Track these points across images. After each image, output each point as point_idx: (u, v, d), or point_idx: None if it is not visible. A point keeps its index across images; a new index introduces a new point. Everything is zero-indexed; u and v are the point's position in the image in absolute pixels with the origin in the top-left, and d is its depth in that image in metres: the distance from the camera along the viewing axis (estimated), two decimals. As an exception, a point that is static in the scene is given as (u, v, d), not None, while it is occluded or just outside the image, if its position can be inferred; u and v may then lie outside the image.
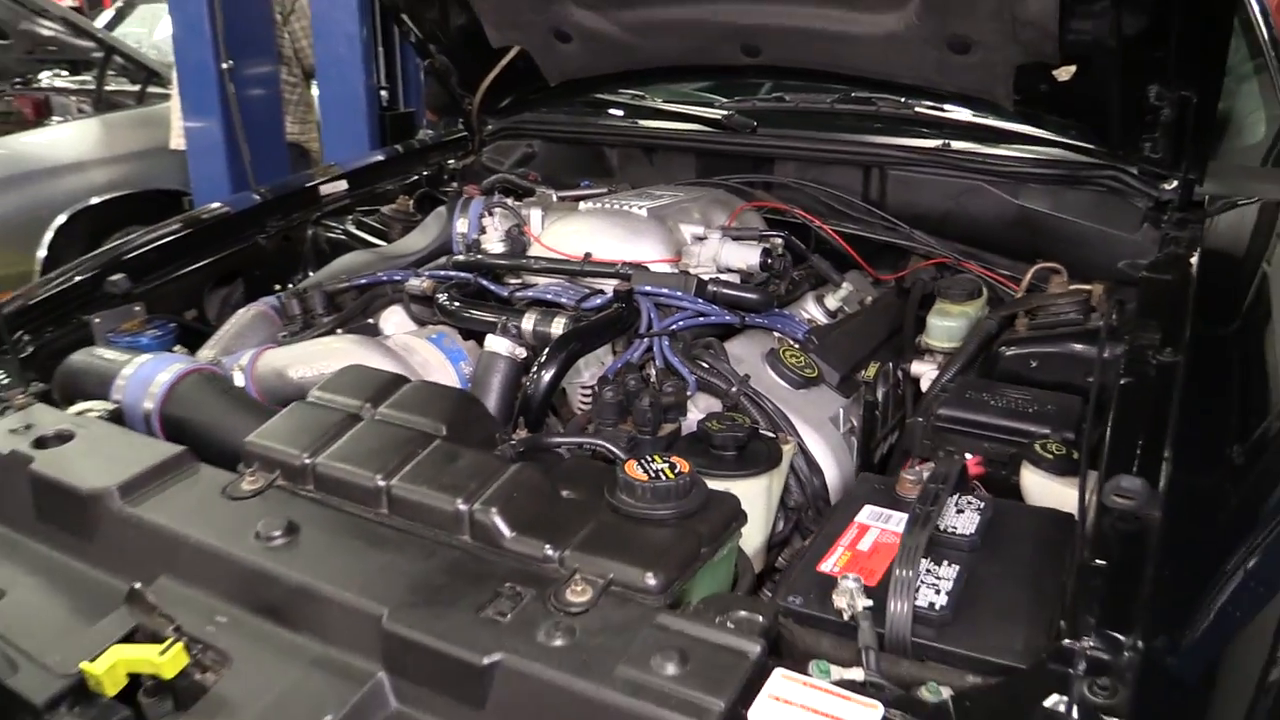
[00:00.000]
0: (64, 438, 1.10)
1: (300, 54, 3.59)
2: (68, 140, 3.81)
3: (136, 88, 4.33)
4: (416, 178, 2.04)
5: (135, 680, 0.83)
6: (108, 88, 4.27)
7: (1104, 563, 0.82)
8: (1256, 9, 2.08)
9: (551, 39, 1.86)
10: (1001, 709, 0.73)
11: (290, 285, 1.69)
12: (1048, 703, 0.70)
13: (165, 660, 0.81)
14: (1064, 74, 1.48)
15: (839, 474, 1.19)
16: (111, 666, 0.82)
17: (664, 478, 0.91)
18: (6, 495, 1.07)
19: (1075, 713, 0.70)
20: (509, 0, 1.79)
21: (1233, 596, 0.85)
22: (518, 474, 0.94)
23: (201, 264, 1.63)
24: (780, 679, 0.74)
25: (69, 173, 3.66)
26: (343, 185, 1.89)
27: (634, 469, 0.93)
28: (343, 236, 1.76)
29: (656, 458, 0.94)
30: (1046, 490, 1.03)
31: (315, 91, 3.74)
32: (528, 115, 2.08)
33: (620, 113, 2.03)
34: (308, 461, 1.00)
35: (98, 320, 1.48)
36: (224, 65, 3.20)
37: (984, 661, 0.79)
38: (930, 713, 0.73)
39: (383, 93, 3.29)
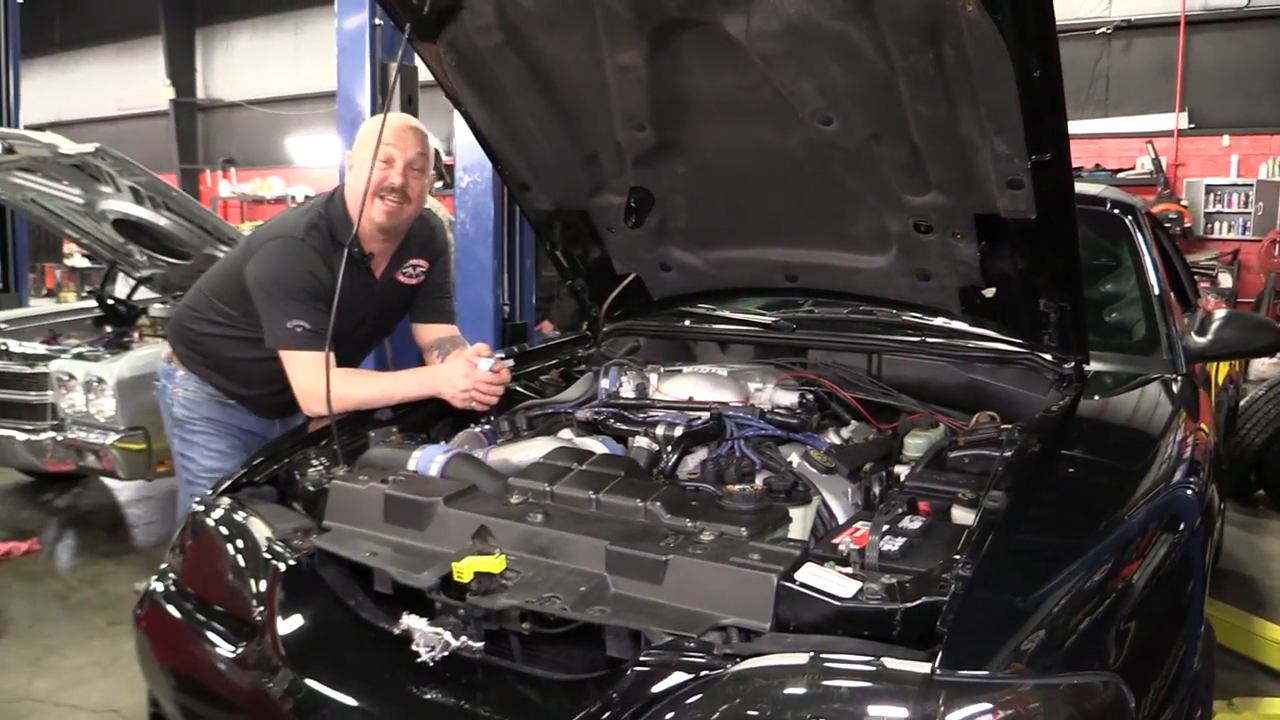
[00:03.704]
0: (398, 480, 1.92)
1: None
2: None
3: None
4: (557, 360, 2.92)
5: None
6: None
7: (974, 529, 1.59)
8: (1147, 260, 2.98)
9: (658, 269, 2.78)
10: (920, 583, 1.48)
11: (476, 422, 2.52)
12: (944, 575, 1.47)
13: (497, 562, 1.59)
14: (989, 293, 2.34)
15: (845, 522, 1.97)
16: (470, 564, 1.59)
17: (747, 491, 1.71)
18: (364, 509, 1.88)
19: (954, 580, 1.45)
20: (632, 243, 2.71)
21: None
22: (668, 489, 1.75)
23: (428, 406, 2.49)
24: (809, 564, 1.51)
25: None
26: (510, 363, 2.74)
27: (732, 489, 1.73)
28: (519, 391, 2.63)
29: (744, 486, 1.74)
30: (964, 517, 1.80)
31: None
32: (634, 320, 2.97)
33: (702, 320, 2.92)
34: (548, 489, 1.81)
35: (373, 434, 2.33)
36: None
37: (914, 572, 1.54)
38: (882, 586, 1.48)
39: (505, 308, 4.27)
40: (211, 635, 1.83)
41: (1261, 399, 5.27)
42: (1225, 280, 10.05)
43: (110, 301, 5.68)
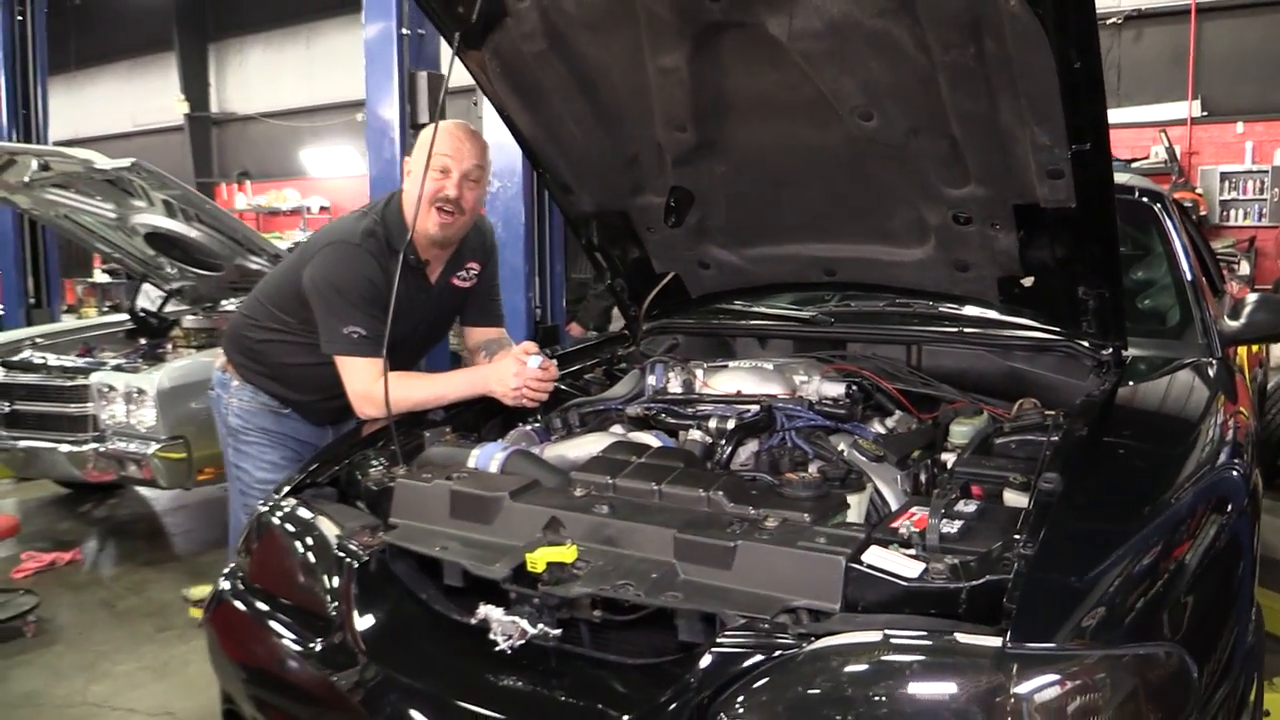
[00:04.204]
0: (461, 476, 1.98)
1: None
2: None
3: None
4: (597, 360, 2.97)
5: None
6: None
7: (1032, 509, 1.63)
8: (1178, 246, 3.02)
9: (697, 267, 2.83)
10: (983, 563, 1.53)
11: (526, 420, 2.57)
12: (1006, 554, 1.51)
13: (569, 552, 1.64)
14: (1027, 282, 2.38)
15: (897, 508, 2.01)
16: (543, 555, 1.64)
17: (806, 478, 1.76)
18: (430, 505, 1.94)
19: (1016, 559, 1.49)
20: (671, 243, 2.76)
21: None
22: (728, 478, 1.80)
23: (477, 406, 2.54)
24: (874, 547, 1.56)
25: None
26: (554, 362, 2.78)
27: (791, 477, 1.78)
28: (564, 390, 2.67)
29: (802, 474, 1.79)
30: (1016, 500, 1.84)
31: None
32: (671, 319, 3.02)
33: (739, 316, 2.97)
34: (611, 481, 1.86)
35: (428, 435, 2.38)
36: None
37: (974, 552, 1.59)
38: (946, 566, 1.53)
39: (537, 310, 4.33)
40: (288, 631, 1.88)
41: (1285, 384, 5.29)
42: (1243, 267, 10.04)
43: (141, 314, 5.78)
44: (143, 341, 5.54)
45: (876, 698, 1.34)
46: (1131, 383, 2.30)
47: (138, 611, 4.09)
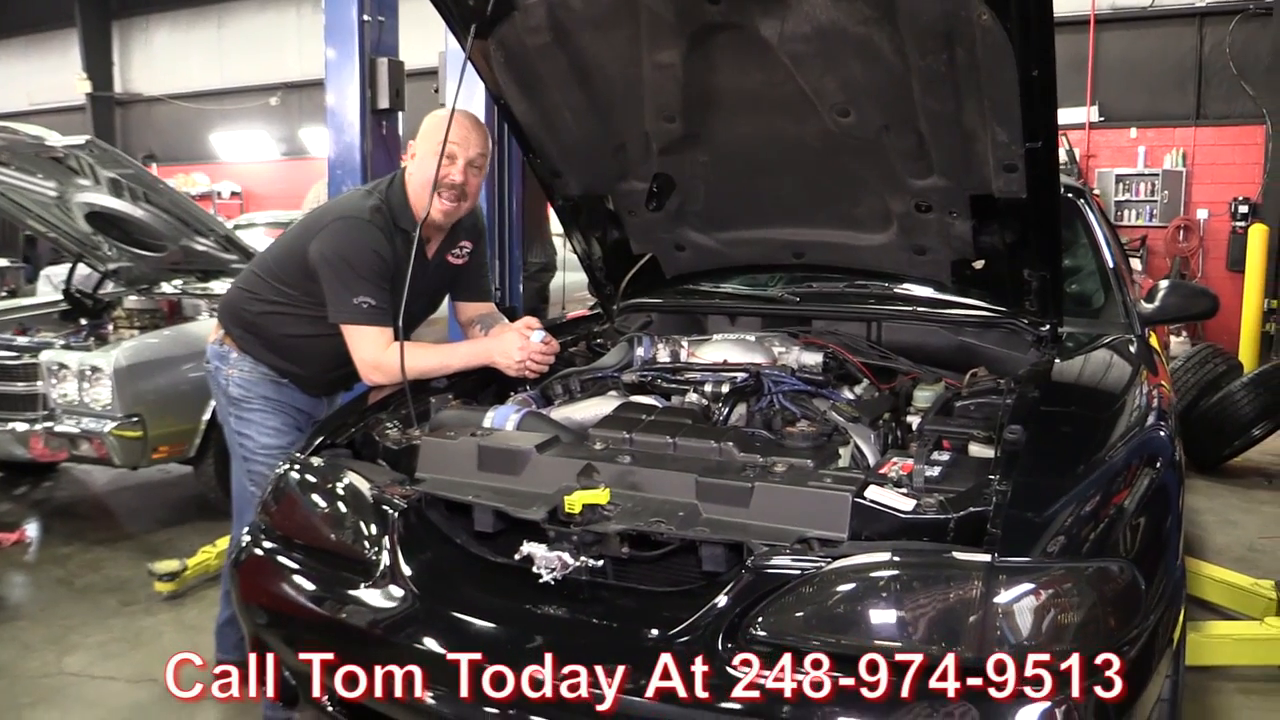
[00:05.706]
0: (486, 433, 2.15)
1: None
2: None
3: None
4: (574, 336, 3.16)
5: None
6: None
7: (1000, 455, 1.89)
8: (1100, 236, 3.36)
9: (673, 249, 3.04)
10: (963, 497, 1.78)
11: (518, 389, 2.75)
12: (984, 491, 1.76)
13: (602, 495, 1.84)
14: (979, 265, 2.67)
15: (874, 462, 2.26)
16: (579, 498, 1.83)
17: (805, 430, 1.99)
18: (458, 460, 2.11)
19: (994, 494, 1.75)
20: (650, 226, 2.97)
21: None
22: (735, 431, 2.02)
23: (474, 375, 2.71)
24: (872, 486, 1.80)
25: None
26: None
27: (792, 430, 2.00)
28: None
29: (800, 425, 2.02)
30: (980, 452, 2.11)
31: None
32: (647, 297, 3.23)
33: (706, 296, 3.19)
34: (628, 435, 2.06)
35: (433, 400, 2.54)
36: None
37: (954, 491, 1.84)
38: (934, 501, 1.78)
39: (496, 292, 4.47)
40: (329, 576, 2.03)
41: (1180, 369, 5.77)
42: (1135, 264, 10.72)
43: (77, 294, 5.73)
44: (83, 322, 5.50)
45: (889, 604, 1.58)
46: (1067, 356, 2.60)
47: (97, 588, 4.11)
